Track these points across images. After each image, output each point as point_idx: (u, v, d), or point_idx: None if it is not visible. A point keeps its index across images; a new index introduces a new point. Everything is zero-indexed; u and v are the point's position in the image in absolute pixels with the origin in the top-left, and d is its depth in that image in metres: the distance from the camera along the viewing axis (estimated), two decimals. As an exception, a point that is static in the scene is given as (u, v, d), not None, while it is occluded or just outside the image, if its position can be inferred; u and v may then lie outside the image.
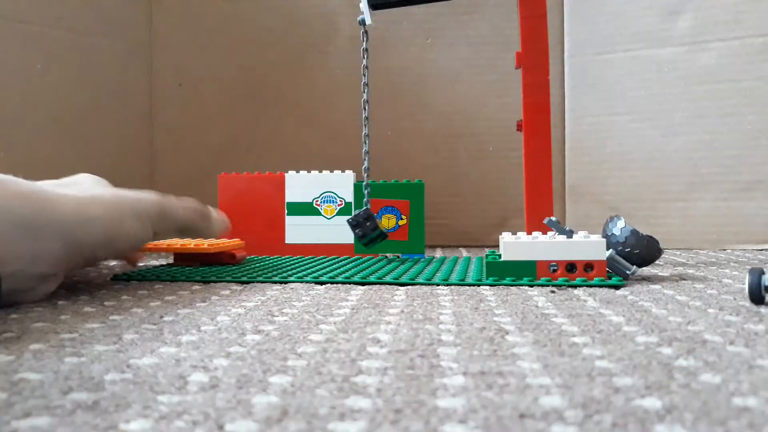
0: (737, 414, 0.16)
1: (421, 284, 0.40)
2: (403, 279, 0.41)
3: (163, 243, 0.51)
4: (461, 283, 0.40)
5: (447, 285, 0.39)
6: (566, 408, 0.16)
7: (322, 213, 0.60)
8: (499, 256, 0.41)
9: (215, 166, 0.71)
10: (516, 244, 0.40)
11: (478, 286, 0.39)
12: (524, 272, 0.39)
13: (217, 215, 0.44)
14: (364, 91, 0.49)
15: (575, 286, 0.38)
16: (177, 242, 0.51)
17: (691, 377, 0.19)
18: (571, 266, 0.39)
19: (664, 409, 0.16)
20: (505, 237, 0.41)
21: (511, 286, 0.38)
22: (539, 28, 0.47)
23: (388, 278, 0.41)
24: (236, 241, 0.55)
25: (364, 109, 0.49)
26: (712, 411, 0.16)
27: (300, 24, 0.79)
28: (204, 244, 0.50)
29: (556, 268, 0.39)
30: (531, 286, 0.38)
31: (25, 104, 0.67)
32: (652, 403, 0.16)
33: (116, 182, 0.75)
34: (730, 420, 0.15)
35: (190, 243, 0.50)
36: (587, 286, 0.38)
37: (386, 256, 0.58)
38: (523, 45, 0.47)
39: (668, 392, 0.17)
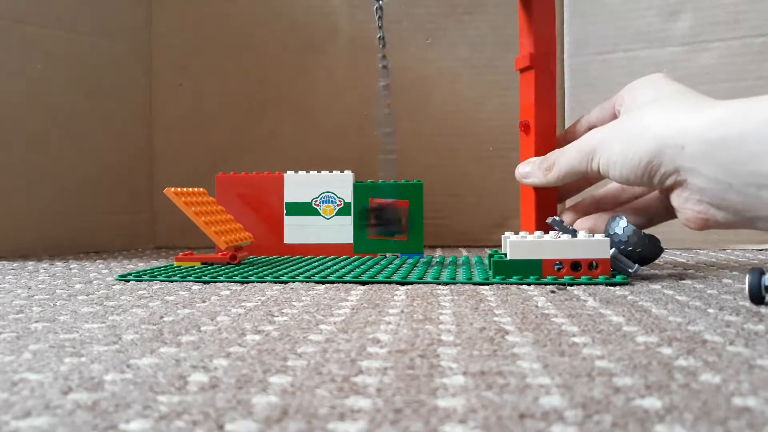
0: (737, 414, 0.16)
1: (421, 284, 0.40)
2: (404, 279, 0.41)
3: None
4: (462, 282, 0.40)
5: (447, 285, 0.39)
6: (566, 408, 0.16)
7: (321, 213, 0.60)
8: (504, 255, 0.41)
9: (215, 166, 0.71)
10: (522, 244, 0.40)
11: (477, 285, 0.39)
12: (530, 271, 0.40)
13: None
14: (385, 91, 0.48)
15: (580, 284, 0.38)
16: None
17: (691, 377, 0.19)
18: (575, 265, 0.39)
19: (664, 409, 0.16)
20: (511, 236, 0.41)
21: (511, 285, 0.38)
22: (550, 29, 0.47)
23: (392, 278, 0.41)
24: (247, 234, 0.55)
25: (386, 104, 0.48)
26: (712, 411, 0.16)
27: (300, 24, 0.79)
28: (220, 239, 0.50)
29: (561, 266, 0.39)
30: (530, 284, 0.38)
31: (25, 104, 0.67)
32: (652, 403, 0.16)
33: (116, 182, 0.75)
34: (730, 420, 0.15)
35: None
36: (589, 284, 0.38)
37: (385, 256, 0.58)
38: (536, 46, 0.47)
39: (668, 392, 0.17)
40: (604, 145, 0.38)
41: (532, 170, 0.44)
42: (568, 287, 0.38)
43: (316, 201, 0.60)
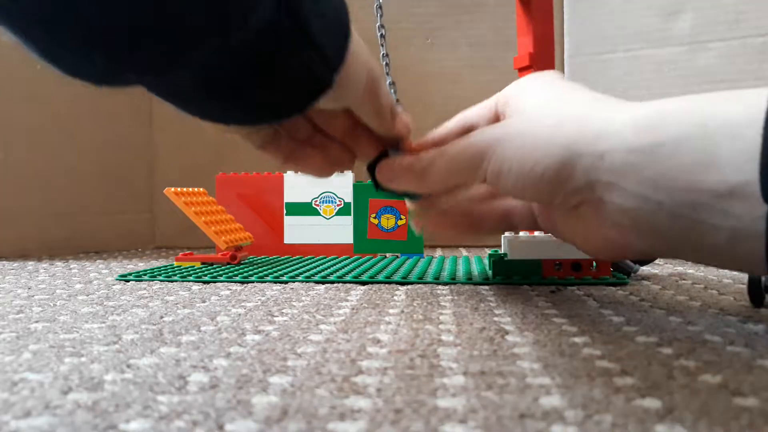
0: (737, 414, 0.16)
1: (421, 284, 0.40)
2: (404, 279, 0.41)
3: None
4: (462, 282, 0.40)
5: (447, 285, 0.39)
6: (566, 408, 0.16)
7: (321, 213, 0.60)
8: (504, 255, 0.41)
9: (215, 165, 0.71)
10: (521, 243, 0.40)
11: (477, 285, 0.39)
12: (530, 271, 0.39)
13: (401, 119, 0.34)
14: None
15: (580, 284, 0.38)
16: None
17: (691, 377, 0.19)
18: (576, 265, 0.39)
19: (664, 409, 0.16)
20: (511, 236, 0.41)
21: (511, 285, 0.38)
22: (549, 29, 0.47)
23: (392, 278, 0.41)
24: (246, 234, 0.56)
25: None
26: (712, 411, 0.16)
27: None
28: (221, 239, 0.50)
29: (561, 266, 0.39)
30: (530, 284, 0.38)
31: (24, 104, 0.67)
32: (652, 403, 0.16)
33: (116, 182, 0.75)
34: (730, 420, 0.15)
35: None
36: (589, 284, 0.38)
37: (385, 256, 0.58)
38: (536, 46, 0.47)
39: (668, 392, 0.17)
40: (498, 148, 0.29)
41: (401, 173, 0.33)
42: (568, 287, 0.38)
43: (316, 201, 0.60)
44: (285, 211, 0.60)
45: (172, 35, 0.18)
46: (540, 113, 0.29)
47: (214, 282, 0.42)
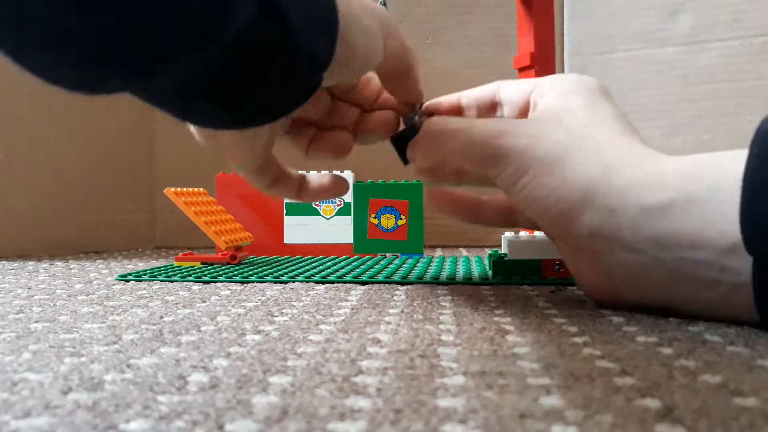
0: (737, 414, 0.16)
1: (421, 284, 0.40)
2: (404, 279, 0.41)
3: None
4: (462, 282, 0.40)
5: (447, 285, 0.39)
6: (566, 408, 0.16)
7: (321, 213, 0.60)
8: (504, 255, 0.41)
9: (215, 165, 0.71)
10: (522, 244, 0.40)
11: (477, 285, 0.39)
12: (530, 271, 0.39)
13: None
14: None
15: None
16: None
17: (691, 377, 0.19)
18: None
19: (664, 409, 0.16)
20: (511, 236, 0.41)
21: (511, 285, 0.38)
22: (550, 28, 0.47)
23: (392, 278, 0.41)
24: (246, 234, 0.56)
25: None
26: (712, 411, 0.16)
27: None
28: (221, 238, 0.50)
29: (560, 266, 0.39)
30: (530, 284, 0.38)
31: (24, 104, 0.67)
32: (652, 403, 0.16)
33: (116, 182, 0.75)
34: (730, 420, 0.15)
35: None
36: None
37: (385, 256, 0.58)
38: (536, 45, 0.47)
39: (668, 392, 0.17)
40: (520, 160, 0.28)
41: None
42: (568, 287, 0.38)
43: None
44: (285, 211, 0.60)
45: (144, 53, 0.18)
46: (575, 142, 0.28)
47: (214, 282, 0.42)
